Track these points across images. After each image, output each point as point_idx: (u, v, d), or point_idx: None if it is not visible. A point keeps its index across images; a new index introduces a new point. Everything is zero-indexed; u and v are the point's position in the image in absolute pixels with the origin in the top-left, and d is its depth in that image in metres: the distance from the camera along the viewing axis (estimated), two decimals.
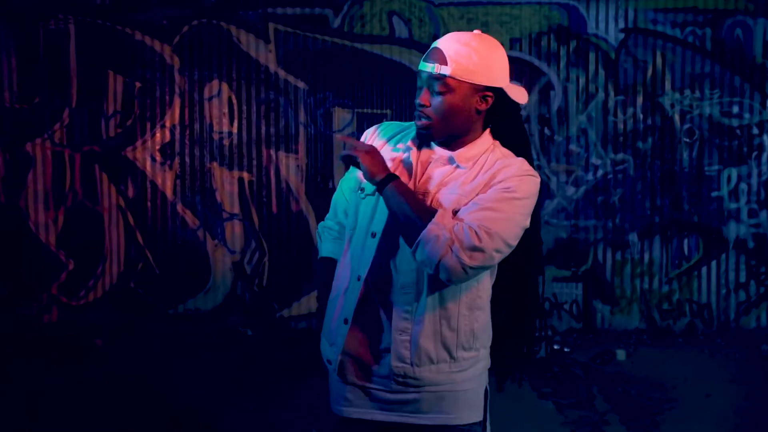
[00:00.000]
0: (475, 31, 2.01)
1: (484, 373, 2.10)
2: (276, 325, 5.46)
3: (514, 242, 1.91)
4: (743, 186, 5.46)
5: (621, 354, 5.01)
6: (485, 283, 2.05)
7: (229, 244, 5.47)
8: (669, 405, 4.22)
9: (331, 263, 2.22)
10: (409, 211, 1.88)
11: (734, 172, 5.46)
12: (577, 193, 5.46)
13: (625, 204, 5.48)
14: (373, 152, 1.97)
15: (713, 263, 5.50)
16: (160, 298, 5.46)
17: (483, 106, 1.98)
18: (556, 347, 5.10)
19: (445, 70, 1.92)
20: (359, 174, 2.06)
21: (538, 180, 1.97)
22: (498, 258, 1.89)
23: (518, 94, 2.01)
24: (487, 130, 2.05)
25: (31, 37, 5.30)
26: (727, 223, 5.48)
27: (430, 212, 1.88)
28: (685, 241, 5.49)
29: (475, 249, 1.83)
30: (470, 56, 1.93)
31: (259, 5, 5.32)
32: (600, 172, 5.46)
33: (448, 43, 1.97)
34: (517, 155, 2.02)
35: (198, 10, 5.34)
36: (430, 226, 1.84)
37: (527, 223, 1.94)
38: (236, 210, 5.45)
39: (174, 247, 5.46)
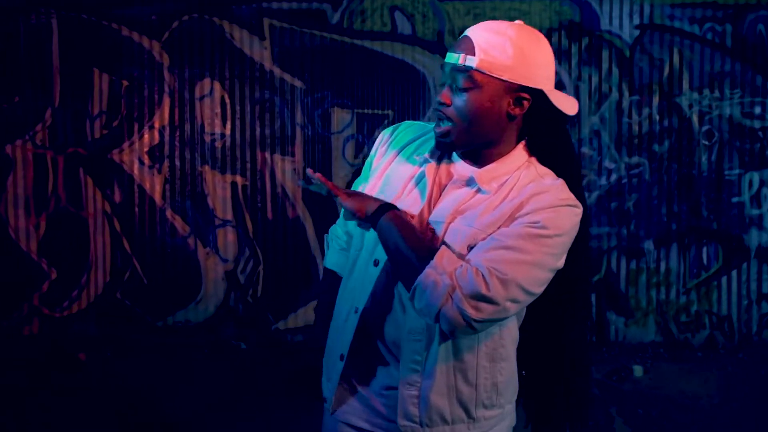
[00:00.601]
0: (517, 21, 1.68)
1: None
2: (271, 338, 5.33)
3: (538, 289, 1.58)
4: (765, 191, 5.30)
5: (638, 370, 4.82)
6: (511, 329, 1.75)
7: (221, 252, 5.33)
8: (693, 428, 4.01)
9: (334, 277, 1.97)
10: (405, 249, 1.58)
11: (756, 177, 5.29)
12: (589, 199, 5.28)
13: (640, 210, 5.30)
14: (354, 195, 1.68)
15: (734, 272, 5.32)
16: (149, 310, 5.33)
17: (517, 111, 1.64)
18: None
19: (471, 62, 1.60)
20: (370, 184, 1.79)
21: (580, 210, 1.63)
22: (514, 309, 1.56)
23: (565, 102, 1.66)
24: (522, 144, 1.71)
25: (11, 32, 5.17)
26: (749, 230, 5.31)
27: (431, 251, 1.57)
28: (704, 249, 5.32)
29: (481, 298, 1.51)
30: (504, 47, 1.60)
31: (254, 0, 5.20)
32: (614, 177, 5.29)
33: (479, 31, 1.64)
34: (560, 177, 1.67)
35: (189, 5, 5.20)
36: (427, 269, 1.54)
37: (559, 264, 1.61)
38: (229, 216, 5.32)
39: (163, 256, 5.32)
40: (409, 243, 1.58)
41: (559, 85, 5.24)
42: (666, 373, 4.82)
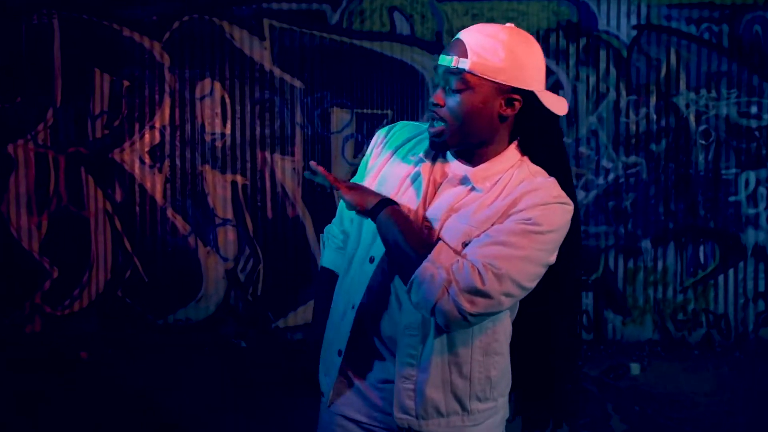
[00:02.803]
0: (508, 24, 1.73)
1: (501, 425, 1.86)
2: (271, 336, 5.35)
3: (531, 284, 1.63)
4: (762, 190, 5.33)
5: (635, 368, 4.87)
6: (504, 323, 1.79)
7: (221, 251, 5.36)
8: (689, 425, 4.05)
9: (330, 275, 2.00)
10: (403, 243, 1.62)
11: (752, 176, 5.32)
12: (587, 198, 5.32)
13: (637, 209, 5.33)
14: (355, 188, 1.72)
15: (730, 271, 5.36)
16: (149, 308, 5.35)
17: (508, 112, 1.69)
18: None
19: (464, 64, 1.64)
20: (367, 182, 1.82)
21: (571, 207, 1.68)
22: (508, 303, 1.61)
23: (555, 103, 1.70)
24: (514, 144, 1.75)
25: (13, 33, 5.18)
26: (745, 229, 5.34)
27: (429, 246, 1.61)
28: (701, 248, 5.35)
29: (477, 293, 1.56)
30: (496, 50, 1.64)
31: (254, 0, 5.22)
32: (611, 176, 5.32)
33: (471, 34, 1.69)
34: (551, 175, 1.72)
35: (189, 6, 5.22)
36: (424, 263, 1.59)
37: (551, 259, 1.66)
38: (229, 215, 5.34)
39: (164, 254, 5.34)
40: (408, 238, 1.62)
41: (557, 85, 5.27)
42: (663, 371, 4.86)
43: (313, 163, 1.69)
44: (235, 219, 5.34)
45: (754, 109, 5.27)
